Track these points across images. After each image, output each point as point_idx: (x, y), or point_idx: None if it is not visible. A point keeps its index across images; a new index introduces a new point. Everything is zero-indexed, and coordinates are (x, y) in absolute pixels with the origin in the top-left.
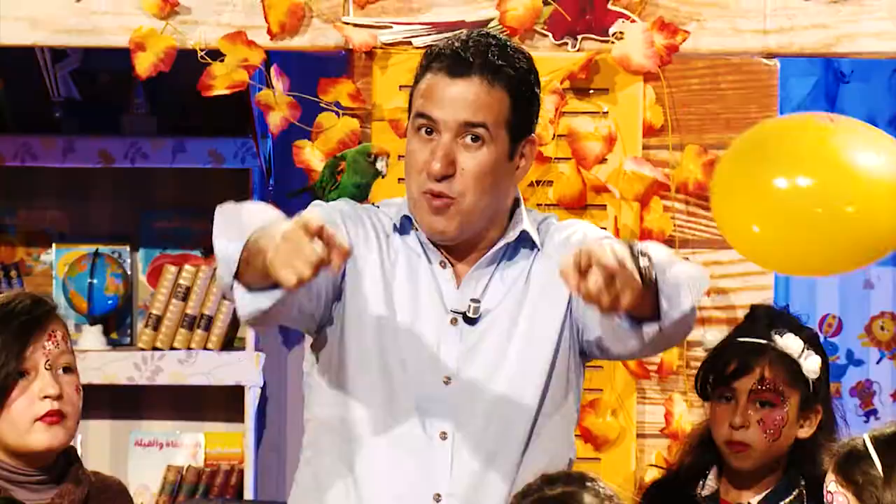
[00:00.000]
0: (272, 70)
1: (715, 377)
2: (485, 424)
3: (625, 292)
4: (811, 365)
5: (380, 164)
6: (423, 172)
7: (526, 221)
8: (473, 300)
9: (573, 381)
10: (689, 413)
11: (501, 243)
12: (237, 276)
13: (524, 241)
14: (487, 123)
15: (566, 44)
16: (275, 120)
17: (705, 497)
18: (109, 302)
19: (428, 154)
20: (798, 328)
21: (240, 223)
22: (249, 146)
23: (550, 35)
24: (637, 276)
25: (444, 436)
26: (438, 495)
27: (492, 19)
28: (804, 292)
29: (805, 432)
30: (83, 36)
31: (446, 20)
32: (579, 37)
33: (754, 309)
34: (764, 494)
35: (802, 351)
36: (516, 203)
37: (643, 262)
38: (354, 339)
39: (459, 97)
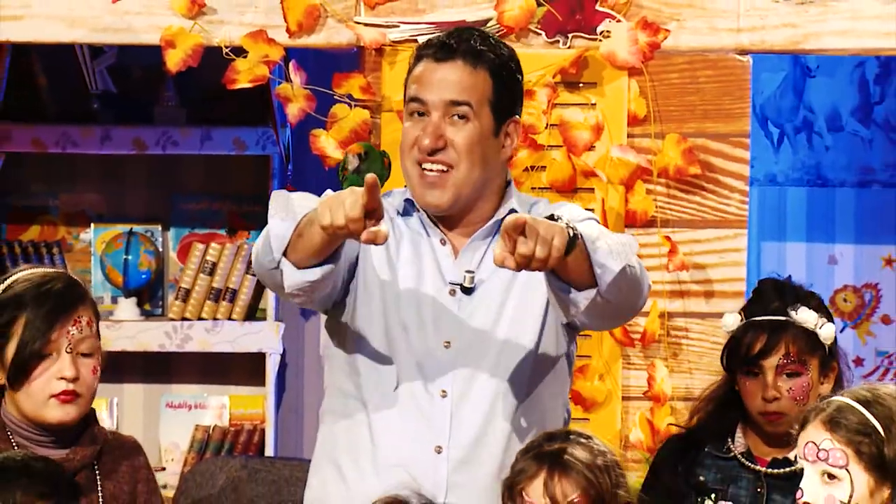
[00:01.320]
0: (290, 65)
1: (740, 357)
2: (482, 384)
3: (544, 245)
4: (827, 332)
5: (350, 161)
6: (414, 147)
7: (515, 202)
8: (468, 271)
9: (563, 347)
10: (669, 378)
11: (492, 221)
12: (286, 252)
13: None
14: (471, 102)
15: (558, 41)
16: (293, 111)
17: (742, 454)
18: (143, 276)
19: (419, 131)
20: (806, 297)
21: (293, 207)
22: (270, 135)
23: (543, 33)
24: (560, 235)
25: (444, 394)
26: (440, 447)
27: (490, 19)
28: (774, 268)
29: (825, 388)
30: (118, 34)
31: (449, 20)
32: (570, 35)
33: (762, 284)
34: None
35: (817, 321)
36: (508, 185)
37: (559, 221)
38: (364, 313)
39: (445, 79)
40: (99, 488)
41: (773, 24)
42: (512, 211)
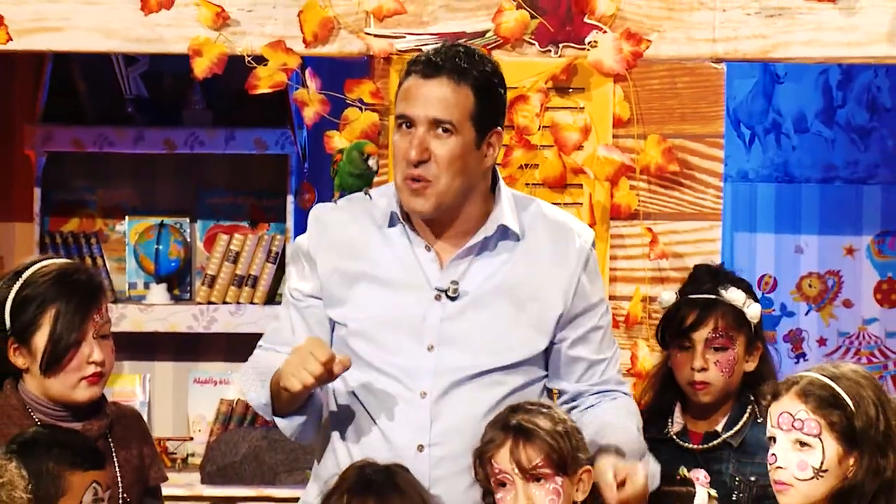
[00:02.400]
0: (307, 72)
1: (673, 330)
2: (461, 386)
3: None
4: (753, 311)
5: (371, 162)
6: (403, 160)
7: (507, 216)
8: (453, 282)
9: (543, 359)
10: (650, 356)
11: (481, 237)
12: (275, 412)
13: (506, 235)
14: (453, 120)
15: (550, 51)
16: (309, 114)
17: (677, 433)
18: (172, 264)
19: (407, 145)
20: (736, 281)
21: (257, 374)
22: (288, 135)
23: (537, 43)
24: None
25: (423, 395)
26: (421, 446)
27: (488, 30)
28: (745, 256)
29: (750, 366)
30: (150, 44)
31: (450, 31)
32: (560, 45)
33: (697, 268)
34: (725, 420)
35: (745, 301)
36: (495, 188)
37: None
38: (351, 317)
39: (430, 96)
40: (114, 455)
41: (745, 35)
42: (501, 227)
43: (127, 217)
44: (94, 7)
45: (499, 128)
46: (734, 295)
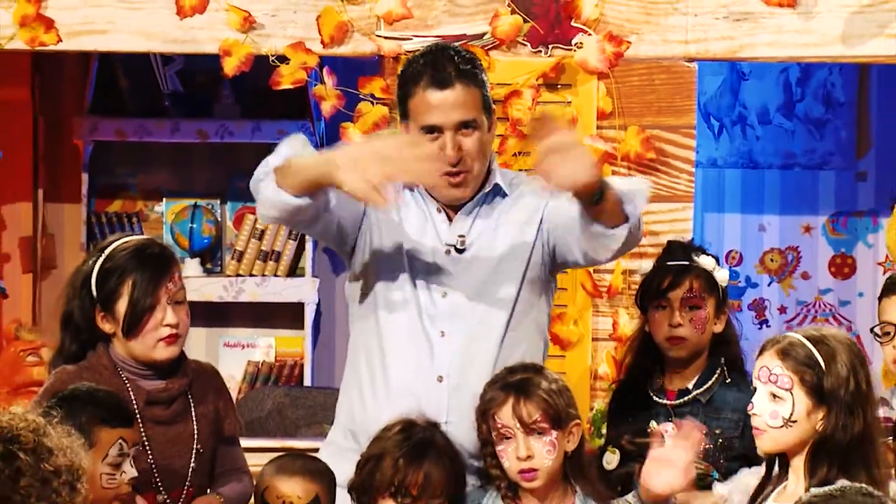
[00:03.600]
0: (324, 70)
1: (652, 292)
2: (474, 325)
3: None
4: (722, 275)
5: None
6: (440, 162)
7: (499, 177)
8: (460, 235)
9: (543, 289)
10: (630, 323)
11: (480, 193)
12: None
13: (498, 192)
14: (475, 117)
15: (540, 51)
16: (326, 107)
17: (654, 390)
18: (205, 241)
19: (437, 147)
20: (706, 253)
21: (300, 146)
22: (308, 127)
23: (528, 44)
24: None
25: (442, 334)
26: (441, 377)
27: (486, 32)
28: (714, 233)
29: (718, 328)
30: (185, 45)
31: (452, 33)
32: (550, 46)
33: (670, 243)
34: (696, 378)
35: (715, 266)
36: (491, 159)
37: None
38: (378, 267)
39: (450, 103)
40: (192, 411)
41: (714, 37)
42: (496, 186)
43: (164, 199)
44: (136, 12)
45: (494, 105)
46: (706, 261)
